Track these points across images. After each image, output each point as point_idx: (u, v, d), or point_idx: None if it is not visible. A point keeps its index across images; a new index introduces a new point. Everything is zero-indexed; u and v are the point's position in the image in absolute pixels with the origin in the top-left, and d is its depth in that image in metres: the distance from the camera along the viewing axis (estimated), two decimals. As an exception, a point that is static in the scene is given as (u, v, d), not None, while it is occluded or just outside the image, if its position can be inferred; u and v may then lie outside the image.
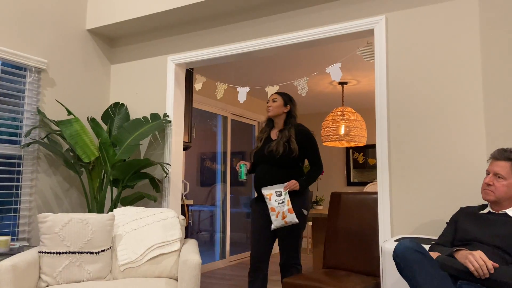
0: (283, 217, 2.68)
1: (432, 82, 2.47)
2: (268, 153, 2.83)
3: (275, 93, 2.95)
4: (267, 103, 2.92)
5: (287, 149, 2.78)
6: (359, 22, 2.70)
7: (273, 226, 2.71)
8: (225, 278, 4.71)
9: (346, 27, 2.74)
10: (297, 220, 2.71)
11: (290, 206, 2.71)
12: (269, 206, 2.72)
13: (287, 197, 2.72)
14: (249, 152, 3.10)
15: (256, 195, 2.97)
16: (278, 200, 2.70)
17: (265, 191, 2.75)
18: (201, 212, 5.50)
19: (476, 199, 2.29)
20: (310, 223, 6.43)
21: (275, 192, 2.73)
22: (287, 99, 2.92)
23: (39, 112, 3.06)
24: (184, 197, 4.33)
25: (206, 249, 5.55)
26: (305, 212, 2.85)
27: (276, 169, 2.81)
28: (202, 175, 5.79)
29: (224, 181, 5.74)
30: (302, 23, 2.93)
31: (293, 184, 2.75)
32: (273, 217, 2.71)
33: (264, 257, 2.83)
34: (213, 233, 5.57)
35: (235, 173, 5.84)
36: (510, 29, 2.27)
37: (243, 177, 2.90)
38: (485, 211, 1.92)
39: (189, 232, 5.07)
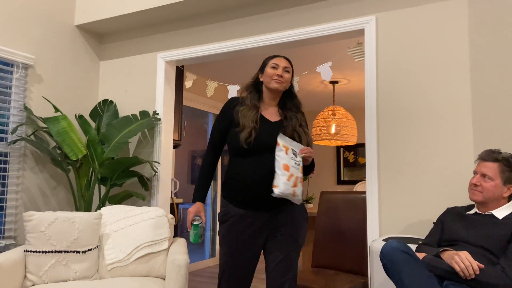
0: (294, 185, 1.92)
1: (421, 82, 2.48)
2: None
3: (285, 58, 2.12)
4: (274, 68, 2.06)
5: (307, 139, 2.07)
6: (349, 22, 2.70)
7: (277, 191, 1.90)
8: (215, 277, 4.70)
9: (337, 26, 2.74)
10: (302, 199, 2.00)
11: (302, 175, 2.00)
12: (282, 162, 1.92)
13: (301, 163, 2.00)
14: (242, 139, 2.00)
15: (219, 203, 2.31)
16: (294, 160, 1.95)
17: (282, 141, 1.97)
18: (191, 210, 5.49)
19: (463, 200, 2.30)
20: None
21: (292, 148, 1.98)
22: (293, 71, 2.16)
23: (26, 108, 3.02)
24: (173, 196, 4.31)
25: (196, 247, 5.53)
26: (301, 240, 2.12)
27: None
28: (192, 173, 5.77)
29: (215, 179, 5.72)
30: (293, 22, 2.92)
31: (309, 151, 2.00)
32: (283, 178, 1.90)
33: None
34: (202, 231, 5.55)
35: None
36: (498, 30, 2.29)
37: (198, 241, 2.09)
38: (472, 211, 1.93)
39: (179, 230, 5.05)
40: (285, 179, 1.89)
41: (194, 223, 2.07)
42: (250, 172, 1.98)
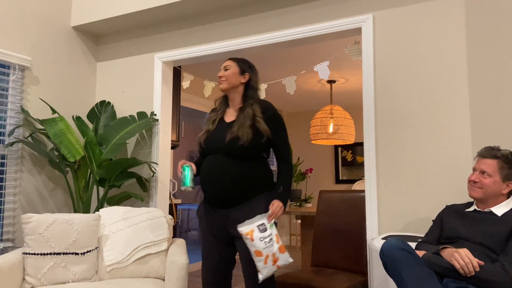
0: (274, 261, 1.95)
1: (419, 80, 2.48)
2: (230, 140, 2.06)
3: (228, 59, 2.24)
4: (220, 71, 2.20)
5: (257, 133, 2.07)
6: (346, 20, 2.70)
7: (261, 277, 1.95)
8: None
9: (334, 25, 2.74)
10: (291, 259, 2.01)
11: (281, 242, 2.00)
12: (252, 249, 1.95)
13: (275, 231, 2.00)
14: (197, 139, 2.24)
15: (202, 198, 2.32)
16: (263, 239, 1.94)
17: (243, 228, 1.97)
18: (190, 210, 5.47)
19: (462, 197, 2.31)
20: (299, 221, 6.44)
21: (257, 226, 1.97)
22: (245, 65, 2.21)
23: (22, 110, 3.01)
24: (172, 196, 4.30)
25: (195, 247, 5.52)
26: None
27: (234, 162, 2.06)
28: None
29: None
30: (289, 21, 2.92)
31: (279, 208, 2.03)
32: (259, 264, 1.94)
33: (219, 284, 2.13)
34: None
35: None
36: (495, 27, 2.29)
37: (188, 184, 2.10)
38: (471, 209, 1.93)
39: (178, 231, 5.04)
40: (263, 264, 1.94)
41: (185, 164, 2.12)
42: (206, 171, 2.12)
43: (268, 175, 2.14)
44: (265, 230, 1.96)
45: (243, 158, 2.07)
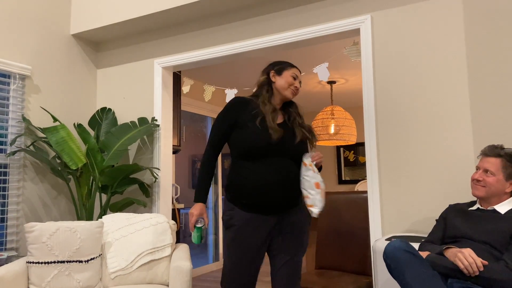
0: (324, 196, 1.98)
1: (419, 79, 2.48)
2: (297, 144, 2.01)
3: (295, 67, 2.12)
4: (294, 79, 2.07)
5: (312, 136, 2.11)
6: (344, 22, 2.70)
7: (317, 211, 1.92)
8: (219, 281, 4.69)
9: (332, 27, 2.74)
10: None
11: None
12: (313, 181, 1.93)
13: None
14: (249, 144, 1.98)
15: (224, 203, 2.18)
16: (318, 174, 1.98)
17: (307, 160, 1.98)
18: (193, 215, 5.48)
19: (465, 196, 2.30)
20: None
21: (312, 163, 1.99)
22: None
23: (24, 119, 3.02)
24: (175, 201, 4.30)
25: (199, 252, 5.52)
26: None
27: (296, 167, 2.02)
28: (193, 178, 5.76)
29: (216, 182, 5.71)
30: (288, 24, 2.92)
31: (319, 155, 2.02)
32: (318, 197, 1.92)
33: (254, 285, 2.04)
34: (205, 233, 5.55)
35: (227, 175, 5.82)
36: (494, 26, 2.29)
37: (200, 241, 2.03)
38: (474, 207, 1.93)
39: (181, 235, 5.04)
40: (320, 197, 1.92)
41: (197, 225, 2.00)
42: (266, 176, 1.93)
43: None
44: (316, 168, 1.98)
45: (296, 162, 2.01)
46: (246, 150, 1.96)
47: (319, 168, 2.05)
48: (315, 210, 1.92)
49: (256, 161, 1.95)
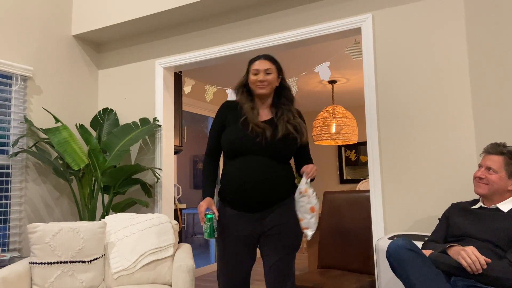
0: (317, 217, 2.01)
1: (421, 78, 2.48)
2: (273, 139, 1.97)
3: (265, 59, 2.06)
4: (255, 75, 2.03)
5: (298, 134, 2.04)
6: (346, 21, 2.70)
7: (311, 233, 1.96)
8: (221, 281, 4.68)
9: (333, 26, 2.74)
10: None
11: None
12: (308, 206, 1.95)
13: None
14: (227, 139, 2.02)
15: (216, 199, 2.17)
16: (314, 195, 1.98)
17: (302, 187, 1.97)
18: (195, 215, 5.48)
19: (468, 195, 2.30)
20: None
21: (308, 183, 1.99)
22: (279, 66, 2.12)
23: (26, 120, 3.02)
24: (177, 201, 4.30)
25: (201, 252, 5.52)
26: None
27: (276, 164, 1.98)
28: (195, 178, 5.76)
29: (217, 182, 5.71)
30: (289, 23, 2.92)
31: (314, 168, 1.99)
32: (312, 220, 1.96)
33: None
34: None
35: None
36: (495, 24, 2.28)
37: (214, 236, 1.95)
38: (477, 206, 1.92)
39: (184, 236, 5.04)
40: (314, 220, 1.96)
41: (208, 214, 1.95)
42: (249, 173, 1.96)
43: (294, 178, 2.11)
44: (310, 187, 1.98)
45: (281, 160, 2.00)
46: (226, 149, 2.04)
47: (311, 180, 2.04)
48: (309, 233, 1.97)
49: (236, 159, 2.00)
